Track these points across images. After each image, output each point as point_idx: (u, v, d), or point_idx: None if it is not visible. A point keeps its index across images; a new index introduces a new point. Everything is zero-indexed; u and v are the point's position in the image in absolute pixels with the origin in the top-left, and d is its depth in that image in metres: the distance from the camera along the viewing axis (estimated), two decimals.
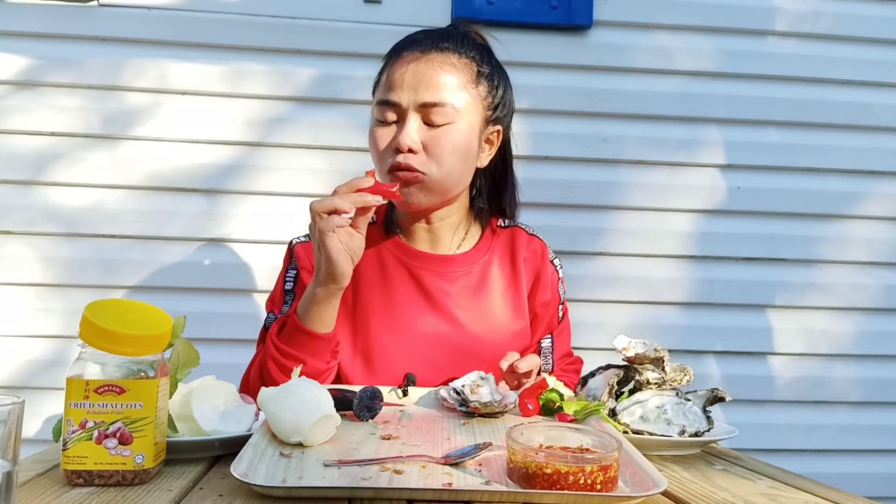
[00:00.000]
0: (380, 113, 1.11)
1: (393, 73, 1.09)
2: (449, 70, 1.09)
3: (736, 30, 1.97)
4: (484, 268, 1.21)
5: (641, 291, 1.95)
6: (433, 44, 1.10)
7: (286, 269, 1.20)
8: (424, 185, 1.09)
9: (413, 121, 1.07)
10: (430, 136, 1.08)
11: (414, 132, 1.07)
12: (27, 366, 1.78)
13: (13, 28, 1.79)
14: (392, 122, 1.10)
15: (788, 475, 0.79)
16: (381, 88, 1.12)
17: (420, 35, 1.13)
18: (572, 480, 0.61)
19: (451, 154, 1.09)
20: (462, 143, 1.10)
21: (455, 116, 1.08)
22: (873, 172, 2.01)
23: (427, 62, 1.08)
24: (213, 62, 1.84)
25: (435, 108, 1.07)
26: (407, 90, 1.07)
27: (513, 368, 1.03)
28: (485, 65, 1.14)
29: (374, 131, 1.12)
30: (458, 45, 1.11)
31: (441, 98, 1.07)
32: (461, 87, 1.09)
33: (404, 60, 1.09)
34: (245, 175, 1.85)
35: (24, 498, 0.62)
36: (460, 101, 1.09)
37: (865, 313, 2.01)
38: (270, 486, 0.62)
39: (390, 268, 1.18)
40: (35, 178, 1.80)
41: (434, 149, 1.07)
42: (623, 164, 1.95)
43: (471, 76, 1.11)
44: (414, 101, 1.07)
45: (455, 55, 1.10)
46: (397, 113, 1.09)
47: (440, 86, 1.07)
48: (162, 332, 0.71)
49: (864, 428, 1.99)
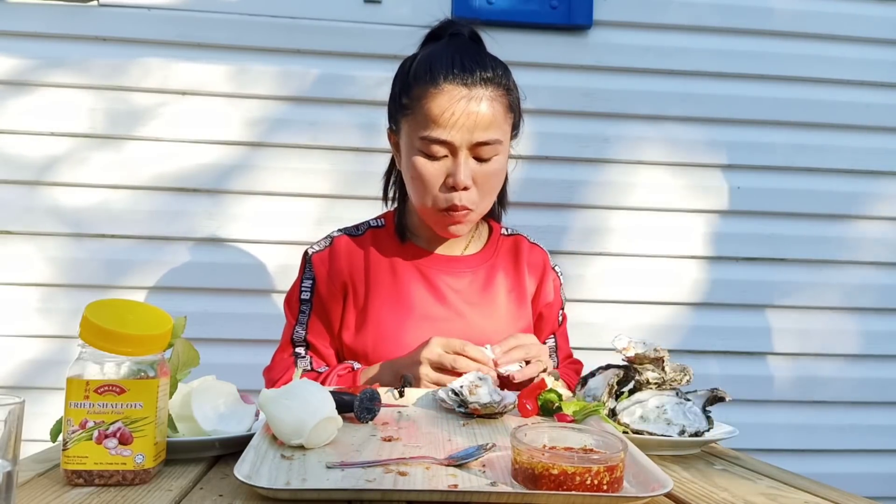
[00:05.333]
0: (426, 147, 1.11)
1: (439, 108, 1.08)
2: (496, 107, 1.11)
3: (736, 30, 1.98)
4: (490, 270, 1.25)
5: (641, 291, 1.95)
6: (476, 77, 1.10)
7: (302, 279, 1.25)
8: (471, 219, 1.15)
9: (466, 159, 1.11)
10: (480, 171, 1.12)
11: (469, 170, 1.11)
12: (27, 366, 1.78)
13: (14, 28, 1.79)
14: (441, 157, 1.11)
15: (788, 475, 0.79)
16: (423, 121, 1.10)
17: (455, 57, 1.11)
18: (579, 481, 0.61)
19: (497, 185, 1.17)
20: (503, 170, 1.17)
21: (500, 149, 1.13)
22: (873, 172, 2.01)
23: (478, 101, 1.09)
24: (213, 62, 1.84)
25: (487, 146, 1.11)
26: (461, 131, 1.08)
27: (511, 378, 1.05)
28: (512, 88, 1.16)
29: (420, 164, 1.12)
30: (495, 73, 1.12)
31: (493, 137, 1.10)
32: (504, 120, 1.13)
33: (449, 95, 1.08)
34: (245, 175, 1.85)
35: (24, 498, 0.62)
36: (504, 134, 1.14)
37: (865, 313, 2.01)
38: (275, 489, 0.61)
39: (400, 269, 1.22)
40: (37, 178, 1.80)
41: (484, 184, 1.13)
42: (623, 164, 1.95)
43: (507, 105, 1.14)
44: (468, 141, 1.09)
45: (495, 87, 1.11)
46: (447, 150, 1.10)
47: (491, 125, 1.10)
48: (162, 332, 0.71)
49: (864, 428, 1.99)
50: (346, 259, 1.22)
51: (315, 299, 1.22)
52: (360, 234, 1.26)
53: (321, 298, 1.21)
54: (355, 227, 1.28)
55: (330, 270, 1.21)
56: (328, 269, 1.21)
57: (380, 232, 1.26)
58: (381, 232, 1.26)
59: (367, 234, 1.26)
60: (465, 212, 1.12)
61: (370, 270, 1.21)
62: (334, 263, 1.22)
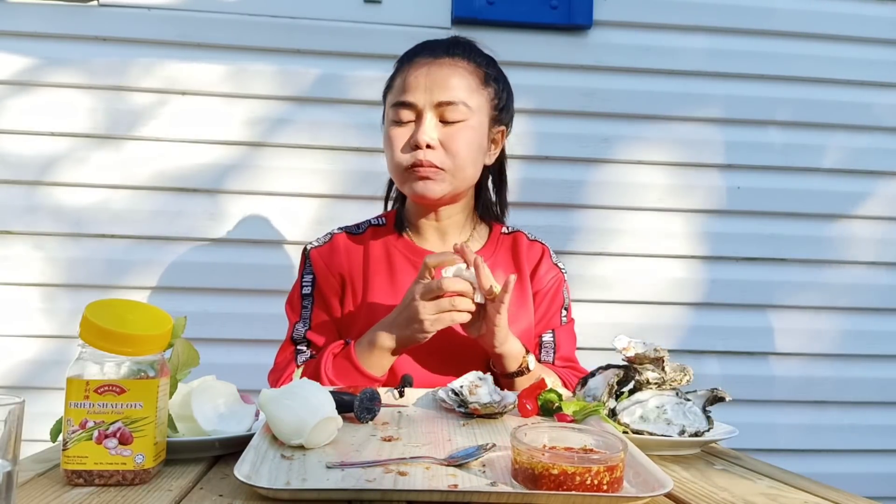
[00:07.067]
0: (395, 114, 1.17)
1: (408, 76, 1.16)
2: (461, 73, 1.16)
3: (736, 30, 1.98)
4: (490, 267, 1.22)
5: (641, 291, 1.95)
6: (444, 50, 1.18)
7: (302, 275, 1.26)
8: (443, 178, 1.15)
9: (430, 119, 1.15)
10: (445, 132, 1.15)
11: (431, 129, 1.14)
12: (27, 366, 1.78)
13: (14, 28, 1.79)
14: (408, 122, 1.16)
15: (788, 475, 0.79)
16: (395, 91, 1.18)
17: (430, 43, 1.22)
18: (579, 481, 0.61)
19: (466, 149, 1.16)
20: (474, 139, 1.17)
21: (468, 114, 1.15)
22: (873, 172, 2.01)
23: (440, 65, 1.16)
24: (213, 62, 1.84)
25: (450, 106, 1.14)
26: (423, 91, 1.14)
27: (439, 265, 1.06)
28: (491, 69, 1.22)
29: (390, 131, 1.18)
30: (466, 52, 1.20)
31: (455, 97, 1.14)
32: (472, 89, 1.17)
33: (418, 65, 1.16)
34: (245, 175, 1.85)
35: (24, 498, 0.62)
36: (472, 101, 1.16)
37: (865, 313, 2.01)
38: (275, 489, 0.61)
39: (398, 265, 1.23)
40: (37, 178, 1.80)
41: (451, 144, 1.15)
42: (623, 164, 1.95)
43: (480, 79, 1.19)
44: (430, 100, 1.14)
45: (465, 60, 1.18)
46: (413, 112, 1.15)
47: (454, 86, 1.15)
48: (162, 332, 0.71)
49: (864, 428, 1.99)
50: (345, 255, 1.23)
51: (316, 293, 1.23)
52: (361, 231, 1.27)
53: (322, 292, 1.23)
54: (356, 225, 1.30)
55: (328, 265, 1.23)
56: (326, 263, 1.23)
57: (380, 230, 1.28)
58: (381, 230, 1.28)
59: (367, 231, 1.27)
60: (431, 169, 1.13)
61: (369, 267, 1.22)
62: (333, 258, 1.23)
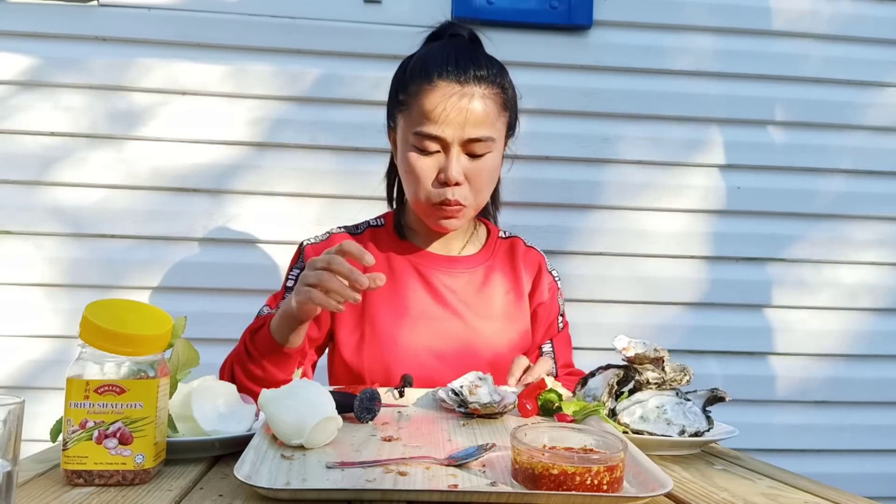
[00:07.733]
0: (420, 142, 1.12)
1: (431, 104, 1.09)
2: (489, 104, 1.11)
3: (736, 30, 1.97)
4: (488, 270, 1.26)
5: (641, 291, 1.95)
6: (470, 74, 1.10)
7: (292, 268, 1.24)
8: (465, 214, 1.15)
9: (458, 155, 1.11)
10: (472, 167, 1.12)
11: (460, 166, 1.11)
12: (27, 366, 1.78)
13: (14, 28, 1.79)
14: (434, 153, 1.12)
15: (788, 475, 0.79)
16: (417, 117, 1.11)
17: (451, 55, 1.12)
18: (579, 481, 0.61)
19: (490, 182, 1.17)
20: (496, 167, 1.17)
21: (492, 146, 1.13)
22: (873, 172, 2.01)
23: (470, 97, 1.09)
24: (213, 62, 1.84)
25: (479, 142, 1.11)
26: (452, 126, 1.09)
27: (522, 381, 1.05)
28: (508, 87, 1.16)
29: (414, 161, 1.13)
30: (490, 72, 1.12)
31: (484, 133, 1.11)
32: (496, 116, 1.13)
33: (442, 91, 1.09)
34: (246, 175, 1.85)
35: (24, 498, 0.62)
36: (496, 131, 1.13)
37: (866, 313, 2.01)
38: (275, 489, 0.61)
39: (398, 267, 1.22)
40: (37, 178, 1.80)
41: (476, 180, 1.13)
42: (623, 164, 1.95)
43: (501, 103, 1.14)
44: (460, 136, 1.10)
45: (488, 85, 1.11)
46: (439, 144, 1.11)
47: (482, 121, 1.10)
48: (162, 332, 0.71)
49: (864, 428, 1.99)
50: None
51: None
52: (360, 232, 1.27)
53: None
54: (355, 225, 1.29)
55: None
56: None
57: (379, 231, 1.27)
58: (380, 231, 1.27)
59: (366, 232, 1.27)
60: (457, 207, 1.13)
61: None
62: None
